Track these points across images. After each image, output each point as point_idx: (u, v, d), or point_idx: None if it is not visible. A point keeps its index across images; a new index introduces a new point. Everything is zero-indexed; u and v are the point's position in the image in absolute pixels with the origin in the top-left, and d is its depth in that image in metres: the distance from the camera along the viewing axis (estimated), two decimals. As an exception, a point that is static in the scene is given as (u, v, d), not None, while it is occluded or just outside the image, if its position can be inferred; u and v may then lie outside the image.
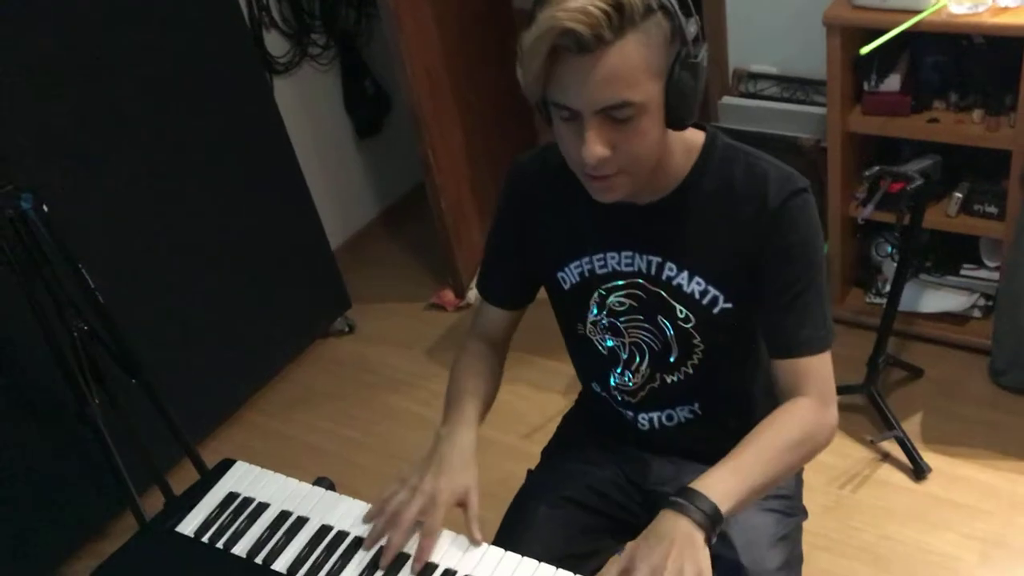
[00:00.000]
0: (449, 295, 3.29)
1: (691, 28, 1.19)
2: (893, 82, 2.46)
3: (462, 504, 1.37)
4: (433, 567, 1.32)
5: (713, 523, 1.20)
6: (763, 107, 2.99)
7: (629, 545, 1.23)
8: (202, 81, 2.63)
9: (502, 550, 1.34)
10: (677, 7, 1.17)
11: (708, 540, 1.20)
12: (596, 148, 1.20)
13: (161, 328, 2.62)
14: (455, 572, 1.31)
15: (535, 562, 1.31)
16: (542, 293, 1.57)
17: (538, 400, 2.78)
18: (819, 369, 1.36)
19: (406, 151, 3.45)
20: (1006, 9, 2.19)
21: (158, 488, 2.35)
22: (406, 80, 2.86)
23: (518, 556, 1.32)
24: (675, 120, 1.24)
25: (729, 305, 1.39)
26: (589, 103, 1.18)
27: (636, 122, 1.20)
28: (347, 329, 3.27)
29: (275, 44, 3.14)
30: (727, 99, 3.07)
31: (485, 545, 1.34)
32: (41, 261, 1.97)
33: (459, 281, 3.26)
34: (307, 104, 3.31)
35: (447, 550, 1.34)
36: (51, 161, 2.30)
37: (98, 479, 2.43)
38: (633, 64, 1.16)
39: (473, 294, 3.25)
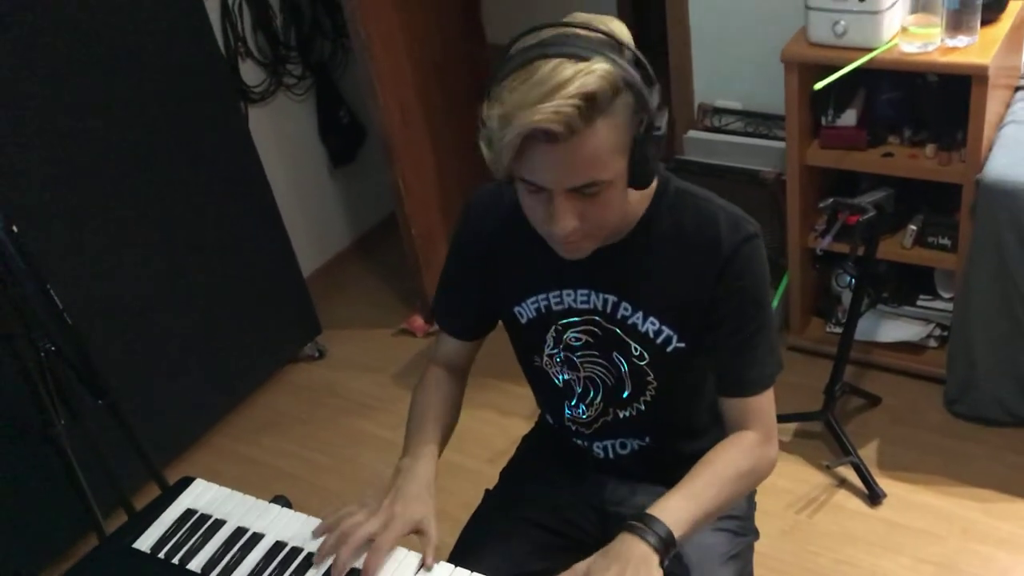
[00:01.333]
0: (418, 321, 3.32)
1: (654, 98, 1.22)
2: (850, 117, 2.53)
3: (419, 531, 1.39)
4: None
5: (667, 546, 1.27)
6: (727, 141, 3.06)
7: (585, 561, 1.27)
8: (176, 108, 2.66)
9: (452, 566, 1.37)
10: (641, 80, 1.20)
11: (662, 562, 1.26)
12: (566, 222, 1.24)
13: (130, 351, 2.64)
14: None
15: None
16: (506, 318, 1.61)
17: (503, 425, 2.81)
18: (764, 407, 1.43)
19: (379, 180, 3.50)
20: (955, 49, 2.26)
21: (123, 510, 2.36)
22: (378, 110, 2.92)
23: (468, 572, 1.35)
24: (639, 183, 1.28)
25: (682, 344, 1.44)
26: (559, 184, 1.22)
27: (603, 195, 1.24)
28: (317, 354, 3.29)
29: (250, 73, 3.19)
30: (692, 133, 3.14)
31: (447, 566, 1.36)
32: (9, 281, 2.00)
33: (428, 307, 3.29)
34: (282, 133, 3.36)
35: (397, 567, 1.37)
36: (22, 183, 2.33)
37: (62, 501, 2.43)
38: (602, 146, 1.19)
39: (443, 321, 3.28)
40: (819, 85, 2.27)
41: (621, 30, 1.23)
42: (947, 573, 2.21)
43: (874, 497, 2.41)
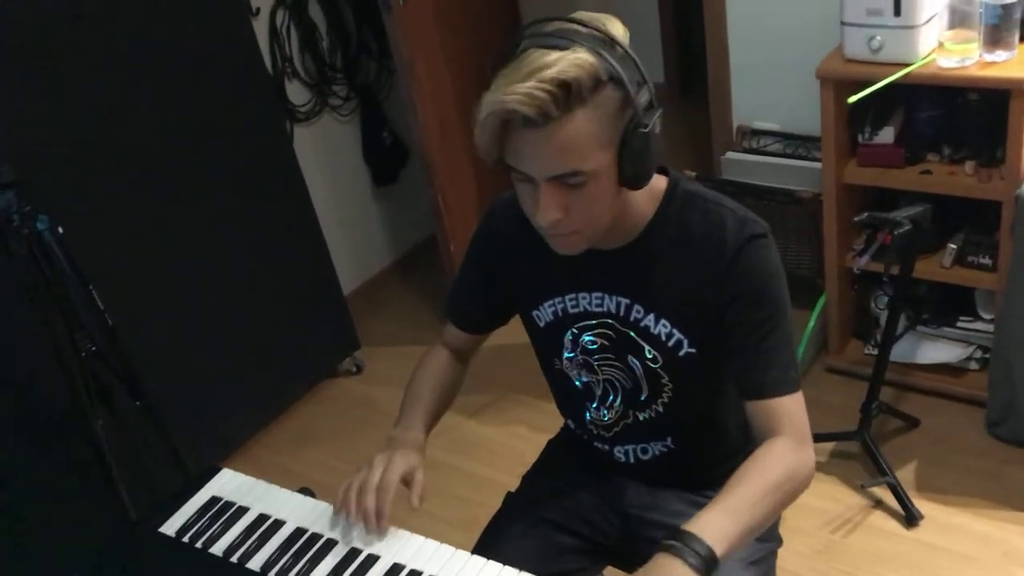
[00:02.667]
0: (456, 339, 3.34)
1: (643, 96, 1.24)
2: (887, 134, 2.52)
3: (408, 480, 1.44)
4: (400, 567, 1.36)
5: (708, 568, 1.18)
6: (765, 162, 3.06)
7: None
8: (223, 125, 2.74)
9: (472, 555, 1.37)
10: (627, 77, 1.21)
11: None
12: (549, 212, 1.26)
13: (171, 359, 2.70)
14: (420, 573, 1.35)
15: (512, 569, 1.34)
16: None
17: (536, 441, 2.76)
18: (792, 410, 1.37)
19: (421, 201, 3.55)
20: (993, 63, 2.25)
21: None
22: (418, 128, 2.98)
23: (497, 565, 1.34)
24: (628, 183, 1.29)
25: (693, 350, 1.43)
26: (541, 171, 1.24)
27: (588, 188, 1.25)
28: (355, 369, 3.33)
29: (297, 93, 3.27)
30: (731, 154, 3.15)
31: (465, 553, 1.38)
32: (54, 281, 2.06)
33: (466, 326, 3.32)
34: (327, 152, 3.43)
35: (419, 554, 1.38)
36: (77, 194, 2.41)
37: (100, 499, 2.48)
38: (582, 137, 1.20)
39: (479, 338, 3.30)
40: (853, 99, 2.27)
41: (616, 28, 1.25)
42: (985, 597, 2.16)
43: (911, 518, 2.36)
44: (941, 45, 2.29)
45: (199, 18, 2.61)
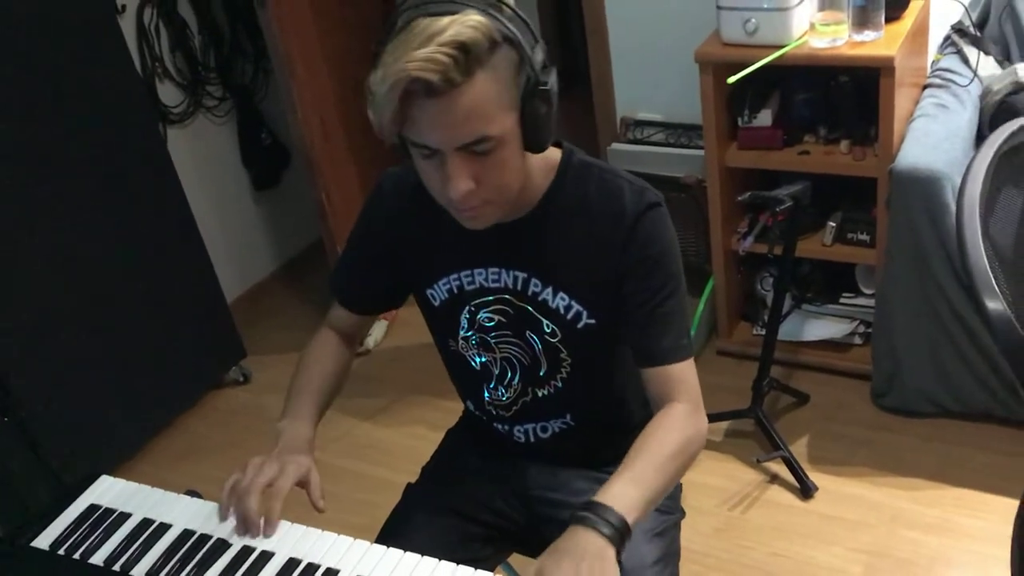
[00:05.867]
0: (347, 343, 3.26)
1: (538, 55, 1.21)
2: (765, 117, 2.58)
3: (303, 484, 1.36)
4: (315, 567, 1.29)
5: (622, 536, 1.19)
6: (649, 152, 3.10)
7: (538, 560, 1.19)
8: (93, 127, 2.61)
9: (372, 544, 1.32)
10: (521, 37, 1.19)
11: (618, 554, 1.18)
12: (460, 183, 1.21)
13: (44, 374, 2.54)
14: (337, 572, 1.28)
15: (414, 554, 1.29)
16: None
17: (434, 439, 2.73)
18: (686, 376, 1.39)
19: (304, 205, 3.47)
20: (862, 43, 2.32)
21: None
22: (298, 125, 2.90)
23: (399, 552, 1.30)
24: (533, 145, 1.27)
25: (592, 321, 1.42)
26: (448, 141, 1.19)
27: (497, 154, 1.22)
28: (242, 379, 3.21)
29: (169, 94, 3.15)
30: (616, 145, 3.17)
31: (365, 543, 1.32)
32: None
33: (357, 328, 3.24)
34: (203, 155, 3.31)
35: (316, 547, 1.32)
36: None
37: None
38: (486, 100, 1.17)
39: (372, 339, 3.23)
40: (732, 79, 2.31)
41: None
42: (879, 560, 2.21)
43: (806, 490, 2.40)
44: (813, 27, 2.35)
45: (60, 15, 2.48)
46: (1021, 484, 1.34)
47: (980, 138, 2.57)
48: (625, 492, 1.22)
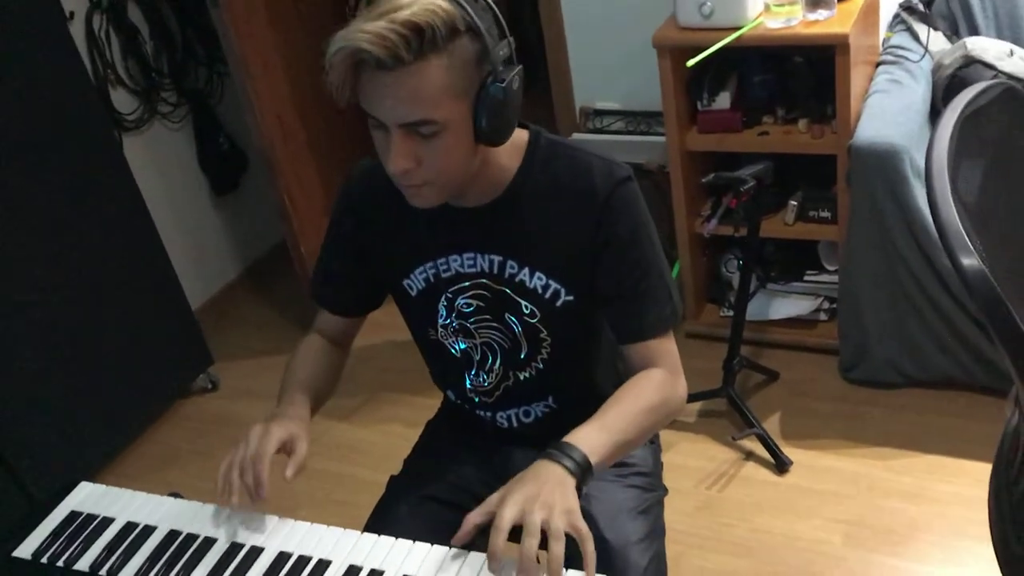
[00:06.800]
0: (316, 344, 3.24)
1: (501, 50, 1.22)
2: (724, 100, 2.61)
3: (288, 450, 1.36)
4: (306, 559, 1.28)
5: (583, 472, 1.23)
6: (610, 140, 3.12)
7: (500, 490, 1.23)
8: (46, 136, 2.55)
9: (362, 534, 1.32)
10: (485, 30, 1.19)
11: (579, 488, 1.22)
12: (399, 160, 1.23)
13: (11, 391, 2.49)
14: (329, 562, 1.27)
15: (406, 541, 1.30)
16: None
17: (411, 436, 2.72)
18: (667, 347, 1.43)
19: (265, 209, 3.44)
20: (816, 22, 2.36)
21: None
22: (256, 125, 2.87)
23: (391, 539, 1.30)
24: (484, 137, 1.26)
25: (571, 298, 1.43)
26: (391, 117, 1.21)
27: (440, 139, 1.23)
28: (210, 386, 3.17)
29: (122, 101, 3.10)
30: (576, 135, 3.19)
31: (355, 532, 1.32)
32: None
33: (325, 329, 3.22)
34: (160, 162, 3.26)
35: (305, 540, 1.31)
36: None
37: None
38: (434, 85, 1.18)
39: (340, 341, 3.21)
40: (692, 62, 2.33)
41: None
42: (858, 529, 2.24)
43: (781, 465, 2.43)
44: (768, 8, 2.38)
45: (8, 22, 2.43)
46: (989, 447, 1.36)
47: (934, 112, 2.63)
48: (591, 435, 1.28)
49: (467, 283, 1.46)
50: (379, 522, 1.57)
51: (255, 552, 1.31)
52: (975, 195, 1.24)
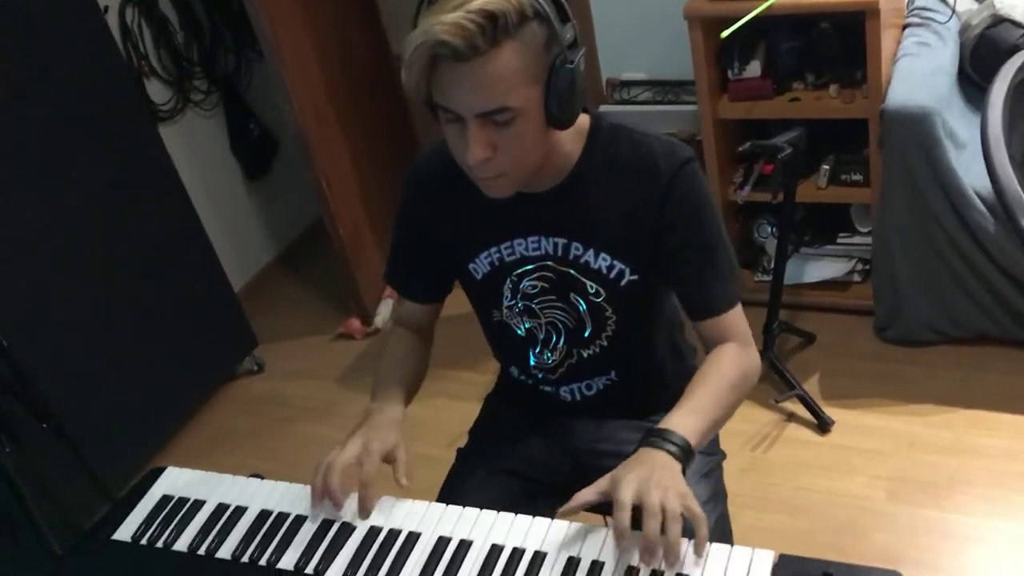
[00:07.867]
0: (356, 323, 3.30)
1: (567, 33, 1.25)
2: (754, 68, 2.64)
3: (390, 459, 1.41)
4: (397, 532, 1.34)
5: (686, 455, 1.27)
6: (638, 111, 3.14)
7: (608, 473, 1.26)
8: (89, 130, 2.62)
9: (448, 506, 1.38)
10: (552, 14, 1.23)
11: (683, 471, 1.25)
12: (477, 151, 1.26)
13: (66, 379, 2.56)
14: (419, 534, 1.33)
15: (476, 510, 1.36)
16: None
17: (457, 410, 2.78)
18: (738, 320, 1.47)
19: (296, 191, 3.49)
20: (846, -12, 2.38)
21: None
22: (292, 112, 2.91)
23: (476, 510, 1.36)
24: (555, 121, 1.30)
25: (635, 277, 1.47)
26: (468, 108, 1.24)
27: (516, 125, 1.26)
28: (256, 368, 3.25)
29: (156, 92, 3.15)
30: (603, 108, 3.21)
31: (440, 506, 1.38)
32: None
33: (364, 308, 3.28)
34: (194, 150, 3.32)
35: (393, 514, 1.37)
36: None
37: (14, 532, 2.35)
38: (509, 71, 1.21)
39: (380, 318, 3.28)
40: (726, 33, 2.36)
41: None
42: (901, 485, 2.31)
43: (823, 425, 2.49)
44: (797, -25, 2.40)
45: (48, 17, 2.48)
46: (1026, 401, 1.42)
47: (962, 72, 2.65)
48: (686, 420, 1.31)
49: (531, 266, 1.50)
50: (452, 493, 1.62)
51: (347, 529, 1.37)
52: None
